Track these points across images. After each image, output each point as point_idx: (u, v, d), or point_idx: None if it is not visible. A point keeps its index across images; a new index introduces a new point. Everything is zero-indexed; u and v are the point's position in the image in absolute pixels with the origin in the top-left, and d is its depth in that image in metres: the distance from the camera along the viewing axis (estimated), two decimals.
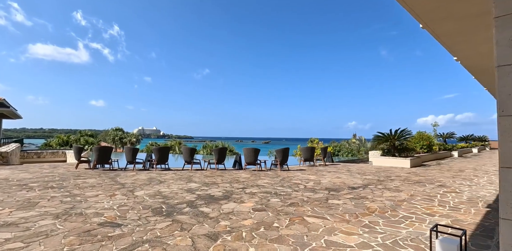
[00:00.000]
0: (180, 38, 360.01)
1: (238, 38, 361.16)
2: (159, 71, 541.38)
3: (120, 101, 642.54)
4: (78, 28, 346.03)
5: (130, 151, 10.00)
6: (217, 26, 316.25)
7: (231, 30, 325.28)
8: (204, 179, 8.03)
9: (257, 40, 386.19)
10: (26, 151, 18.48)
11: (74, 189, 6.20)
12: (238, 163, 11.13)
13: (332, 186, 7.03)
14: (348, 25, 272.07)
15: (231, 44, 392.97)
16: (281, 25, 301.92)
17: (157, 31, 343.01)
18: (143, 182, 7.32)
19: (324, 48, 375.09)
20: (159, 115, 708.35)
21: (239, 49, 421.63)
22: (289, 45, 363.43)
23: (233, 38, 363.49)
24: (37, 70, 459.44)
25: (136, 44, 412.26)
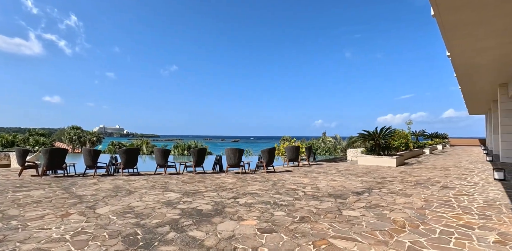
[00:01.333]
0: (146, 33, 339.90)
1: (207, 36, 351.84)
2: (123, 67, 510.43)
3: (79, 98, 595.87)
4: (29, 17, 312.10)
5: (90, 153, 8.35)
6: (186, 23, 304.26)
7: (200, 28, 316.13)
8: (183, 186, 6.78)
9: (226, 40, 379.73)
10: None
11: (10, 208, 4.65)
12: (218, 165, 9.95)
13: (334, 192, 6.21)
14: (318, 26, 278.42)
15: (200, 41, 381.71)
16: (251, 25, 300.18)
17: (120, 24, 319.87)
18: (107, 193, 5.89)
19: (292, 49, 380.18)
20: (123, 113, 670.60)
21: (208, 46, 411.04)
22: (257, 45, 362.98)
23: (202, 36, 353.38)
24: None
25: (97, 37, 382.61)
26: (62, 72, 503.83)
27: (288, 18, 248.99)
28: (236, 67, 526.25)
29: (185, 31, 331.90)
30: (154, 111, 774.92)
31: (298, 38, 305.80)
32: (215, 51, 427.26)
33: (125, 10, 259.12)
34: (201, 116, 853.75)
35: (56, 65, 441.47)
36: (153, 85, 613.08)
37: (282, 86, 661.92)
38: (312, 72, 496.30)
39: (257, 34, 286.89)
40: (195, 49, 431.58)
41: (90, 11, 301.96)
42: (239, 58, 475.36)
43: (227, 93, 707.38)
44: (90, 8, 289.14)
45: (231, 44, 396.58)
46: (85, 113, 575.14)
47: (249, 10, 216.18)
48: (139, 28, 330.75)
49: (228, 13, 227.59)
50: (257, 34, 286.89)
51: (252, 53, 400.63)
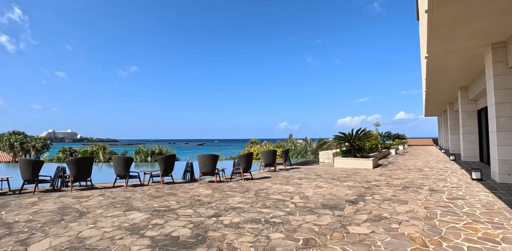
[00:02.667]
0: (104, 30, 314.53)
1: (168, 39, 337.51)
2: (76, 66, 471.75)
3: (23, 99, 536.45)
4: None
5: (28, 164, 6.76)
6: (146, 22, 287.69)
7: (161, 30, 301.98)
8: (150, 203, 5.65)
9: (186, 43, 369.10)
10: None
11: None
12: (189, 173, 8.86)
13: (326, 201, 5.58)
14: (277, 33, 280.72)
15: (160, 43, 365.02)
16: (214, 31, 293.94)
17: (73, 20, 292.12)
18: (49, 217, 4.58)
19: (254, 55, 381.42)
20: (76, 116, 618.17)
21: (169, 49, 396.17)
22: (219, 50, 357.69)
23: (162, 38, 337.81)
24: None
25: (46, 33, 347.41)
26: (3, 71, 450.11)
27: (252, 30, 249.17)
28: (194, 69, 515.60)
29: (147, 29, 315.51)
30: (112, 114, 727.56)
31: (262, 41, 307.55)
32: (175, 51, 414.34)
33: (77, 2, 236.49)
34: (162, 119, 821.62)
35: None
36: (111, 86, 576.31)
37: (244, 89, 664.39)
38: (275, 75, 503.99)
39: (220, 33, 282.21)
40: (155, 49, 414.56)
41: (37, 5, 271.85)
42: (198, 60, 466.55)
43: (188, 95, 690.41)
44: (36, 1, 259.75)
45: (190, 44, 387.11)
46: (31, 117, 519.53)
47: (212, 8, 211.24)
48: (94, 24, 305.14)
49: (190, 12, 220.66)
50: (220, 33, 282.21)
51: (213, 54, 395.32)
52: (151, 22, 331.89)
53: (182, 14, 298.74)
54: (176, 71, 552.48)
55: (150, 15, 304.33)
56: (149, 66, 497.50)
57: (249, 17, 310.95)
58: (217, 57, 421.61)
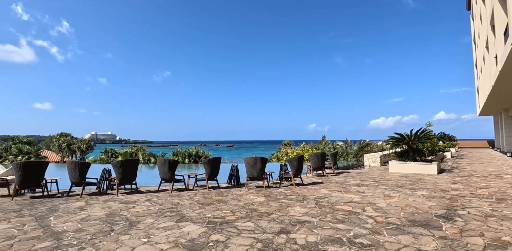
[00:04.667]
0: (139, 39, 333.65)
1: (197, 43, 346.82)
2: (115, 73, 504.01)
3: (70, 104, 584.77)
4: (19, 23, 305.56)
5: (75, 166, 6.55)
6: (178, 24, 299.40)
7: (190, 35, 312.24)
8: (202, 211, 5.05)
9: (216, 47, 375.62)
10: None
11: None
12: (235, 177, 8.24)
13: (410, 216, 4.58)
14: (304, 33, 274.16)
15: (191, 48, 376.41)
16: (242, 33, 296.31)
17: (113, 30, 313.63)
18: (98, 227, 4.14)
19: (283, 55, 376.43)
20: (115, 120, 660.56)
21: (198, 54, 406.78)
22: (248, 51, 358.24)
23: (192, 42, 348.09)
24: None
25: (89, 44, 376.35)
26: (53, 79, 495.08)
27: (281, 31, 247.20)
28: (221, 72, 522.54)
29: (178, 35, 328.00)
30: (147, 117, 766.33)
31: (290, 41, 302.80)
32: (208, 55, 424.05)
33: (117, 17, 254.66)
34: (192, 121, 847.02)
35: (48, 72, 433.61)
36: (146, 91, 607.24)
37: (272, 91, 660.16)
38: (305, 76, 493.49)
39: (249, 37, 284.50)
40: (188, 54, 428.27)
41: (82, 18, 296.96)
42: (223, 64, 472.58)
43: (216, 98, 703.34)
44: (82, 14, 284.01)
45: (222, 49, 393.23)
46: (77, 120, 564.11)
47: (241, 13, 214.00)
48: (131, 34, 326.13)
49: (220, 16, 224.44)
50: (249, 37, 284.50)
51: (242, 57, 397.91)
52: (182, 29, 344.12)
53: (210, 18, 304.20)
54: (206, 75, 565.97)
55: (181, 24, 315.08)
56: (181, 71, 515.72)
57: (274, 18, 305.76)
58: (241, 58, 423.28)
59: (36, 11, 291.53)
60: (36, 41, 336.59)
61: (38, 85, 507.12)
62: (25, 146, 22.27)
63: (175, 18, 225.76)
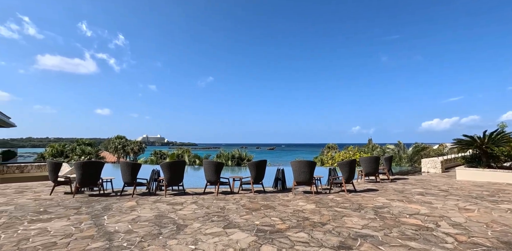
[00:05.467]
0: (184, 47, 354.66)
1: (238, 46, 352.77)
2: (164, 80, 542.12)
3: (125, 110, 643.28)
4: (84, 39, 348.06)
5: (128, 167, 6.79)
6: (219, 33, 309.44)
7: (233, 37, 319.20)
8: (249, 217, 4.77)
9: (254, 49, 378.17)
10: (7, 164, 15.42)
11: None
12: (281, 181, 7.86)
13: (502, 236, 3.73)
14: (344, 32, 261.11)
15: (232, 51, 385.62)
16: (280, 34, 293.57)
17: (161, 41, 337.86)
18: (147, 229, 4.08)
19: (324, 55, 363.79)
20: (163, 123, 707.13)
21: (240, 56, 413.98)
22: (287, 53, 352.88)
23: (234, 45, 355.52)
24: (45, 81, 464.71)
25: (141, 54, 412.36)
26: (111, 87, 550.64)
27: (320, 30, 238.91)
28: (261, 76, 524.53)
29: (220, 46, 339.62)
30: (191, 120, 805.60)
31: (329, 42, 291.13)
32: (250, 62, 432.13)
33: (164, 29, 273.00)
34: (233, 124, 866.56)
35: (107, 81, 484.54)
36: (191, 95, 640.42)
37: (312, 92, 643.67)
38: (347, 76, 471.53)
39: (287, 39, 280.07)
40: (229, 61, 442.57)
41: (135, 31, 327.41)
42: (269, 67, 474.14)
43: (257, 101, 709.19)
44: (135, 28, 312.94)
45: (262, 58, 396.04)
46: (130, 124, 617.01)
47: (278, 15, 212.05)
48: (177, 44, 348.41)
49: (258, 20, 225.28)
50: (287, 39, 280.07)
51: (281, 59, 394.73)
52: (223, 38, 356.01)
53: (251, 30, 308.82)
54: (247, 79, 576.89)
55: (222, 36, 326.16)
56: (223, 76, 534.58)
57: (314, 17, 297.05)
58: (281, 60, 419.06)
59: (97, 27, 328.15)
60: (97, 54, 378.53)
61: (99, 93, 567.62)
62: (87, 147, 24.61)
63: (216, 30, 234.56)
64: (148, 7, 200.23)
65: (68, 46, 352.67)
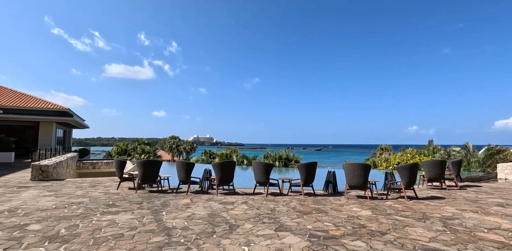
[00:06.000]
0: (231, 51, 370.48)
1: (285, 48, 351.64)
2: (213, 83, 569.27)
3: (178, 112, 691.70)
4: (143, 48, 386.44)
5: (183, 166, 7.19)
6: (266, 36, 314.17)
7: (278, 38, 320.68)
8: (300, 221, 4.64)
9: (302, 58, 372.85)
10: (83, 160, 17.61)
11: (82, 247, 3.36)
12: (332, 184, 7.54)
13: None
14: (397, 23, 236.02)
15: (278, 52, 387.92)
16: (329, 32, 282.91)
17: (210, 46, 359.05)
18: (201, 227, 4.24)
19: (378, 51, 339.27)
20: (212, 124, 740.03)
21: (286, 57, 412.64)
22: (337, 51, 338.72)
23: (280, 46, 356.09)
24: (112, 87, 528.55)
25: (192, 59, 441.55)
26: (166, 91, 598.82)
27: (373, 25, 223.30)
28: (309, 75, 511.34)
29: (266, 45, 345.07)
30: (238, 120, 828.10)
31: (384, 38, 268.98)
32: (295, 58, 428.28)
33: (212, 35, 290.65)
34: (278, 124, 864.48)
35: (162, 86, 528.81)
36: (237, 97, 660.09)
37: (363, 92, 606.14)
38: (401, 74, 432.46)
39: (339, 36, 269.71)
40: (274, 63, 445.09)
41: (186, 38, 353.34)
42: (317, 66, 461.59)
43: (302, 101, 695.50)
44: (186, 35, 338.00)
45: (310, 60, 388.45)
46: (182, 125, 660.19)
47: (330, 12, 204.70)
48: (225, 48, 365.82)
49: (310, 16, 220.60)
50: (339, 36, 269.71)
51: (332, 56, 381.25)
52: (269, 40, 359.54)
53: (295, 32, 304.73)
54: (293, 80, 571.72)
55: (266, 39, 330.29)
56: (269, 77, 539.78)
57: (363, 9, 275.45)
58: (329, 59, 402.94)
59: (154, 37, 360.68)
60: (154, 61, 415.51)
61: (155, 97, 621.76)
62: (146, 146, 26.89)
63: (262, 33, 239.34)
64: (199, 14, 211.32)
65: (130, 55, 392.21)
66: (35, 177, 9.13)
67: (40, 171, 9.23)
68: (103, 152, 43.78)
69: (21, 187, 7.74)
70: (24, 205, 5.51)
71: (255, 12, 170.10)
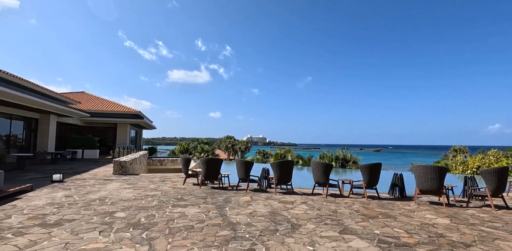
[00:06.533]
0: (283, 50, 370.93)
1: (339, 43, 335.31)
2: (265, 83, 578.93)
3: (232, 112, 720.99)
4: (200, 54, 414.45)
5: (242, 165, 7.44)
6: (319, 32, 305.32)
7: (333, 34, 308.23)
8: (367, 225, 4.39)
9: (359, 55, 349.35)
10: (152, 158, 19.52)
11: (160, 235, 3.72)
12: (399, 187, 6.95)
13: None
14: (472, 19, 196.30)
15: (333, 48, 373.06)
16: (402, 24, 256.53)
17: (262, 48, 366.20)
18: (264, 224, 4.32)
19: (451, 45, 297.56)
20: (264, 124, 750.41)
21: (340, 54, 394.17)
22: (404, 47, 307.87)
23: (334, 43, 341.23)
24: (173, 91, 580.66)
25: (245, 61, 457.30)
26: (221, 93, 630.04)
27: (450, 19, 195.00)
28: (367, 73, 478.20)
29: (319, 42, 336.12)
30: (291, 120, 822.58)
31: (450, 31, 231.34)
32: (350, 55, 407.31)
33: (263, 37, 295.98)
34: (333, 124, 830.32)
35: (218, 88, 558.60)
36: (290, 96, 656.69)
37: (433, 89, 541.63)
38: (479, 69, 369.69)
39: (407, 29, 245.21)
40: (328, 61, 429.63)
41: (239, 41, 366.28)
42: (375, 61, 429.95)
43: (358, 100, 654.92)
44: (239, 38, 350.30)
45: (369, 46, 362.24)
46: (237, 125, 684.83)
47: None
48: (277, 48, 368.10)
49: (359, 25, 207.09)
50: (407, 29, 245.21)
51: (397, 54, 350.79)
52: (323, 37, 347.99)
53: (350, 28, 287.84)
54: (348, 78, 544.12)
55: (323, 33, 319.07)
56: (321, 75, 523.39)
57: None
58: (391, 54, 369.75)
59: (210, 42, 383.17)
60: (210, 66, 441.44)
61: (212, 99, 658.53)
62: (205, 146, 28.56)
63: (315, 30, 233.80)
64: (250, 19, 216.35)
65: (189, 61, 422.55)
66: (116, 171, 10.46)
67: (120, 166, 10.54)
68: (167, 150, 47.86)
69: (106, 179, 8.94)
70: (110, 195, 6.36)
71: (309, 7, 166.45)
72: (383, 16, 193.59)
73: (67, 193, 6.55)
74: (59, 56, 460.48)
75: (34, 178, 8.74)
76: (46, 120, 16.31)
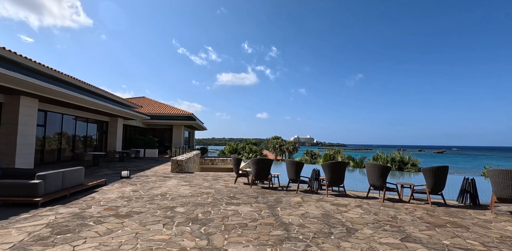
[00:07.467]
0: (332, 47, 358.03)
1: (389, 46, 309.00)
2: (313, 83, 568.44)
3: (279, 113, 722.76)
4: (246, 56, 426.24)
5: (293, 165, 7.39)
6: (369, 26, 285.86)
7: (384, 31, 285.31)
8: (433, 234, 4.00)
9: (419, 35, 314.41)
10: (204, 157, 20.55)
11: (217, 231, 3.91)
12: (469, 194, 6.18)
13: None
14: None
15: (387, 43, 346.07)
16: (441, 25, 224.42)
17: (309, 46, 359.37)
18: (317, 226, 4.24)
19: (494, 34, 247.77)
20: (312, 124, 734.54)
21: (395, 48, 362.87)
22: (447, 40, 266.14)
23: (384, 45, 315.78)
24: (222, 93, 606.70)
25: (291, 61, 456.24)
26: (268, 94, 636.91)
27: None
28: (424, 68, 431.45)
29: (369, 37, 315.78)
30: (340, 120, 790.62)
31: None
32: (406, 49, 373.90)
33: (311, 35, 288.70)
34: (387, 123, 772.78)
35: (264, 89, 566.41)
36: (339, 95, 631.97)
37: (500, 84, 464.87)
38: None
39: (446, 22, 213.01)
40: (381, 54, 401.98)
41: (286, 41, 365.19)
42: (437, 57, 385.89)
43: (417, 99, 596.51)
44: (285, 38, 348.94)
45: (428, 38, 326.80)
46: (284, 126, 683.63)
47: None
48: (324, 46, 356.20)
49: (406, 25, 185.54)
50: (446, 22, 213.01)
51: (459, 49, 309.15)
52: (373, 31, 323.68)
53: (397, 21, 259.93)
54: (402, 74, 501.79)
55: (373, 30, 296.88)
56: (374, 72, 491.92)
57: None
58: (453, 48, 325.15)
59: (255, 45, 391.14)
60: (257, 67, 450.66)
61: (259, 100, 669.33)
62: (253, 146, 29.07)
63: (365, 23, 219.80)
64: (295, 18, 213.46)
65: (236, 64, 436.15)
66: (173, 169, 11.28)
67: (177, 165, 11.34)
68: (216, 150, 49.95)
69: (166, 177, 9.70)
70: (170, 191, 6.88)
71: (356, 4, 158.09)
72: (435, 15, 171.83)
73: (134, 188, 7.28)
74: (125, 66, 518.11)
75: (107, 174, 9.91)
76: (114, 123, 18.35)
